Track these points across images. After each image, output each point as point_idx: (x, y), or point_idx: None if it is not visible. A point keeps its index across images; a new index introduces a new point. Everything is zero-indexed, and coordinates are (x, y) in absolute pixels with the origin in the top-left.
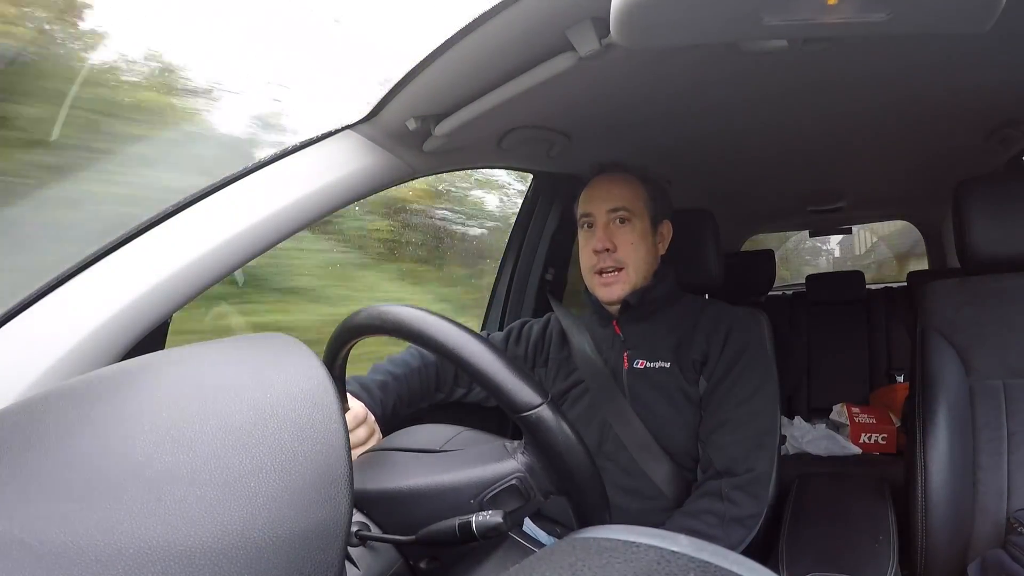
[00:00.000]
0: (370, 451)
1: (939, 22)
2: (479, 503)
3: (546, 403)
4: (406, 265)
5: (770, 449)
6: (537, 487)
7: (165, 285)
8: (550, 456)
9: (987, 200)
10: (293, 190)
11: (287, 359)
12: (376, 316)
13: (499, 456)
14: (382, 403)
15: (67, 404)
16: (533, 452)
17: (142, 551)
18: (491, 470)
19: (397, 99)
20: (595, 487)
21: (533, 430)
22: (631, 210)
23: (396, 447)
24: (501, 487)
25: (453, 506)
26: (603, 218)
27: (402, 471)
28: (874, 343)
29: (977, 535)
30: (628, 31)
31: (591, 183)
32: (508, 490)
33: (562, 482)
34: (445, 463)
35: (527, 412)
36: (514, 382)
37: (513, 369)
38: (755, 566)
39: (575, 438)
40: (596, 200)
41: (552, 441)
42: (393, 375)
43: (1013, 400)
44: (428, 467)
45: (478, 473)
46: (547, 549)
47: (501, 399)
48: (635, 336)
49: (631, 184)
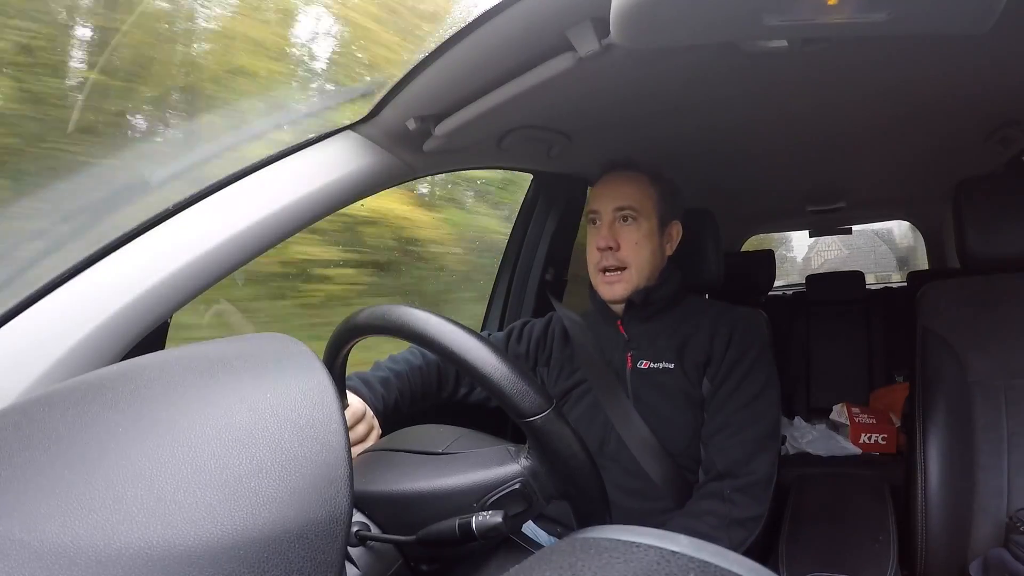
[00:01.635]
0: (371, 451)
1: (939, 23)
2: (482, 507)
3: (551, 409)
4: None
5: (772, 452)
6: (540, 491)
7: (165, 285)
8: (554, 461)
9: (987, 200)
10: (293, 190)
11: (287, 359)
12: (379, 316)
13: (502, 460)
14: (383, 399)
15: (67, 404)
16: (537, 457)
17: (142, 551)
18: (494, 474)
19: (397, 99)
20: (597, 492)
21: (538, 435)
22: (637, 209)
23: (397, 448)
24: (504, 491)
25: (456, 509)
26: (609, 216)
27: (404, 473)
28: (874, 343)
29: (977, 535)
30: (628, 31)
31: (601, 180)
32: (511, 494)
33: (565, 487)
34: (448, 466)
35: (532, 418)
36: (520, 387)
37: (518, 374)
38: (755, 566)
39: (579, 444)
40: (603, 197)
41: (557, 447)
42: (395, 372)
43: (1013, 400)
44: (431, 470)
45: (481, 476)
46: (547, 549)
47: (506, 404)
48: (639, 336)
49: (640, 183)
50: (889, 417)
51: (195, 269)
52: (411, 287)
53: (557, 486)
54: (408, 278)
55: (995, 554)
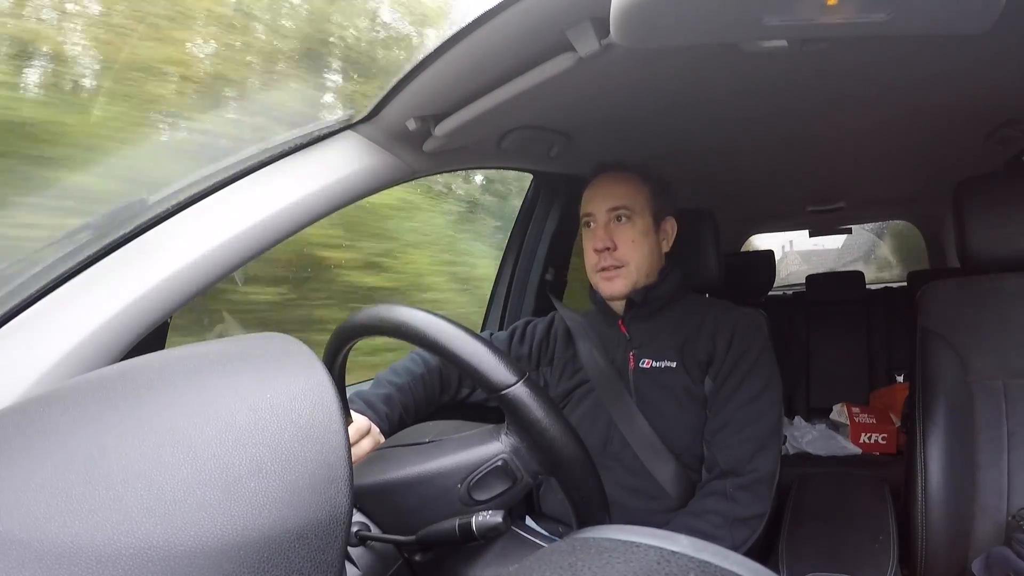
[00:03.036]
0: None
1: (939, 23)
2: (467, 487)
3: (522, 380)
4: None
5: (774, 450)
6: (523, 467)
7: (165, 285)
8: (532, 434)
9: (987, 200)
10: (293, 190)
11: (287, 359)
12: (374, 316)
13: (484, 440)
14: (388, 418)
15: (67, 404)
16: (516, 432)
17: (142, 551)
18: (476, 453)
19: (397, 99)
20: (580, 462)
21: (512, 409)
22: (631, 208)
23: (386, 445)
24: (487, 469)
25: (441, 491)
26: (603, 217)
27: (391, 463)
28: (874, 343)
29: (977, 535)
30: (628, 31)
31: (591, 183)
32: (494, 471)
33: (546, 459)
34: (432, 451)
35: (504, 391)
36: (490, 361)
37: (489, 348)
38: (755, 566)
39: (555, 414)
40: (596, 199)
41: (532, 418)
42: (397, 386)
43: (1013, 400)
44: (416, 457)
45: (464, 457)
46: (547, 549)
47: (478, 380)
48: (641, 335)
49: (631, 182)
50: (889, 417)
51: (195, 269)
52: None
53: (539, 460)
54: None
55: (998, 552)
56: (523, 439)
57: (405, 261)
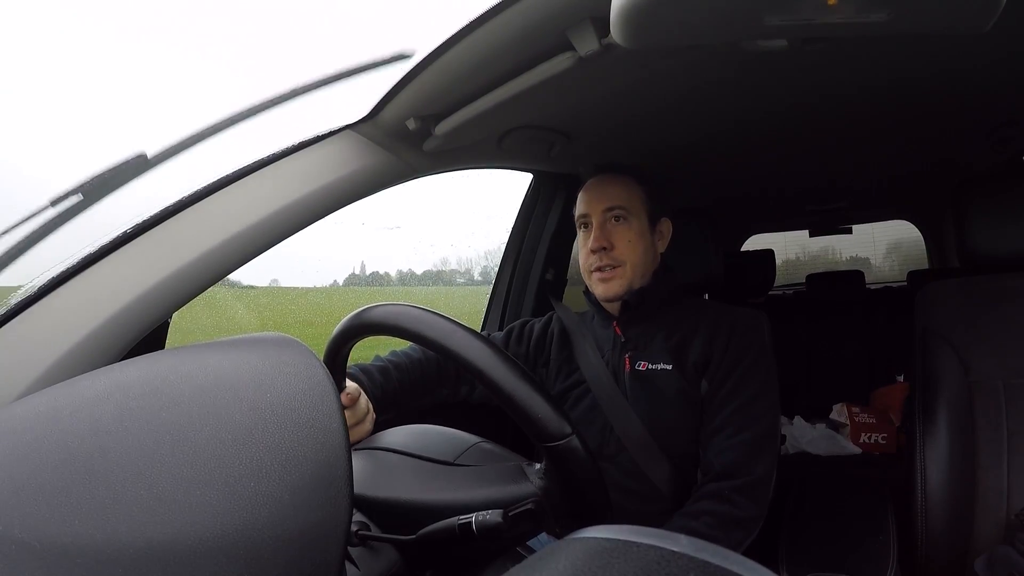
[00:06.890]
0: (382, 449)
1: (939, 22)
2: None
3: (575, 434)
4: None
5: (771, 452)
6: (553, 513)
7: (165, 285)
8: (572, 486)
9: (987, 200)
10: (293, 190)
11: (287, 359)
12: (392, 316)
13: (517, 477)
14: (382, 387)
15: (67, 404)
16: (555, 480)
17: (142, 551)
18: (508, 491)
19: (397, 99)
20: (606, 517)
21: (559, 460)
22: (627, 208)
23: (407, 451)
24: (517, 510)
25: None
26: (599, 218)
27: (415, 481)
28: (874, 343)
29: (977, 535)
30: (628, 31)
31: (586, 186)
32: (523, 514)
33: (577, 510)
34: (460, 479)
35: (556, 443)
36: (544, 410)
37: (542, 395)
38: (755, 566)
39: (597, 471)
40: (591, 201)
41: (577, 473)
42: (395, 364)
43: (1013, 400)
44: (443, 481)
45: (495, 493)
46: (547, 549)
47: (528, 426)
48: (636, 337)
49: (626, 183)
50: (889, 417)
51: (195, 269)
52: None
53: (571, 509)
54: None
55: (1001, 551)
56: (560, 488)
57: None
